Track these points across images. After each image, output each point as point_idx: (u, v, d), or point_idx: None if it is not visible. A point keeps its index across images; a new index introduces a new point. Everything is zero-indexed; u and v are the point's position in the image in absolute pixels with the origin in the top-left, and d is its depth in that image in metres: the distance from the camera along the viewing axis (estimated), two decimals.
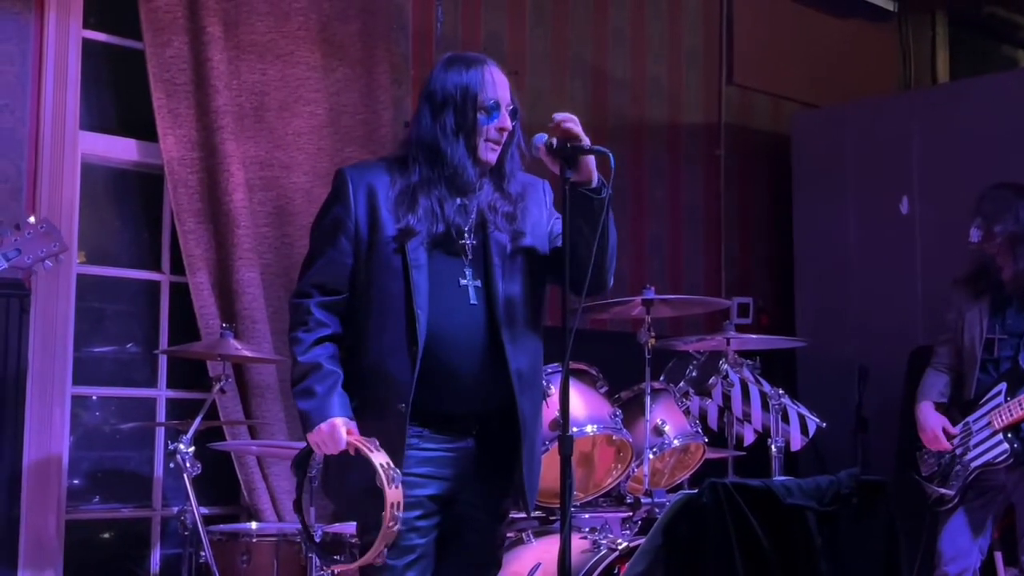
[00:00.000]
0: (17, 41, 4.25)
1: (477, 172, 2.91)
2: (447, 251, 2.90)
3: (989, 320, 4.50)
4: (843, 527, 2.39)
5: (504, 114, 2.93)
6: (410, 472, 2.83)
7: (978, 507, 4.48)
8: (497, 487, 3.00)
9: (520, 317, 2.96)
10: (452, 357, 2.86)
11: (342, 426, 2.78)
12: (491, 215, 2.93)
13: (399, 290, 2.85)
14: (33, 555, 4.18)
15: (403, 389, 2.80)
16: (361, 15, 5.02)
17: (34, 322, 4.22)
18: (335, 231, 2.92)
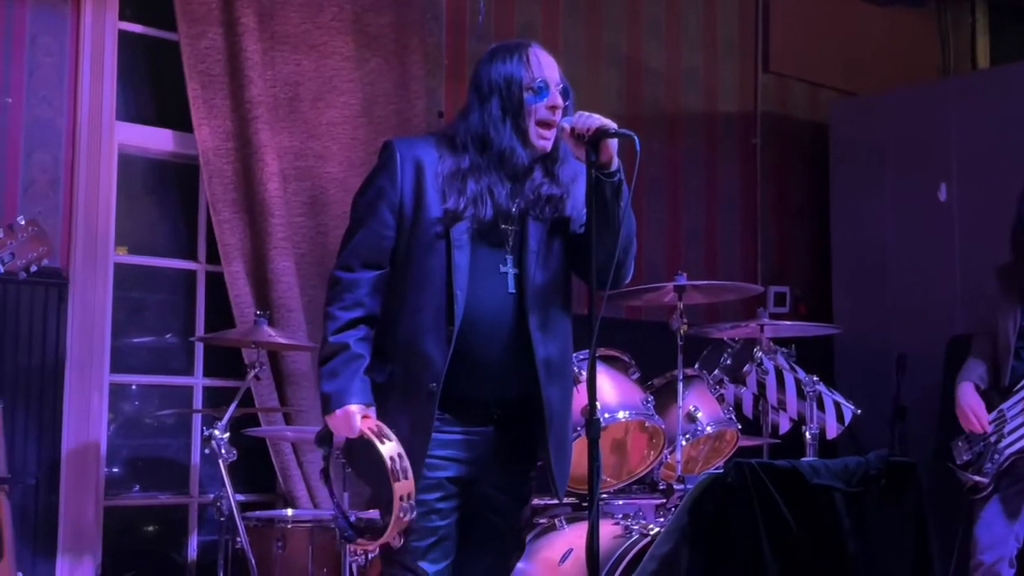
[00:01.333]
0: (55, 33, 4.30)
1: (528, 155, 2.88)
2: (491, 237, 2.88)
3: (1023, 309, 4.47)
4: (871, 508, 2.37)
5: (554, 92, 2.90)
6: (433, 454, 2.85)
7: (1013, 494, 4.44)
8: (518, 472, 3.01)
9: (551, 306, 2.95)
10: (483, 342, 2.86)
11: (357, 414, 2.79)
12: (536, 202, 2.92)
13: (440, 269, 2.84)
14: (72, 542, 4.23)
15: (436, 369, 2.81)
16: (395, 5, 5.03)
17: (72, 311, 4.26)
18: (378, 202, 2.91)
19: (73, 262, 4.28)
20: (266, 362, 4.46)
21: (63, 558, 4.20)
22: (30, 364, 4.15)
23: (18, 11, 4.21)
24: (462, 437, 2.91)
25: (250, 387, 4.32)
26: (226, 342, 4.36)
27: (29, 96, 4.24)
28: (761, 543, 2.21)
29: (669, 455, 4.08)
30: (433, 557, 2.87)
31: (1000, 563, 4.47)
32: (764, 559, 2.21)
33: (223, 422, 4.00)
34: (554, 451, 2.94)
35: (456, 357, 2.82)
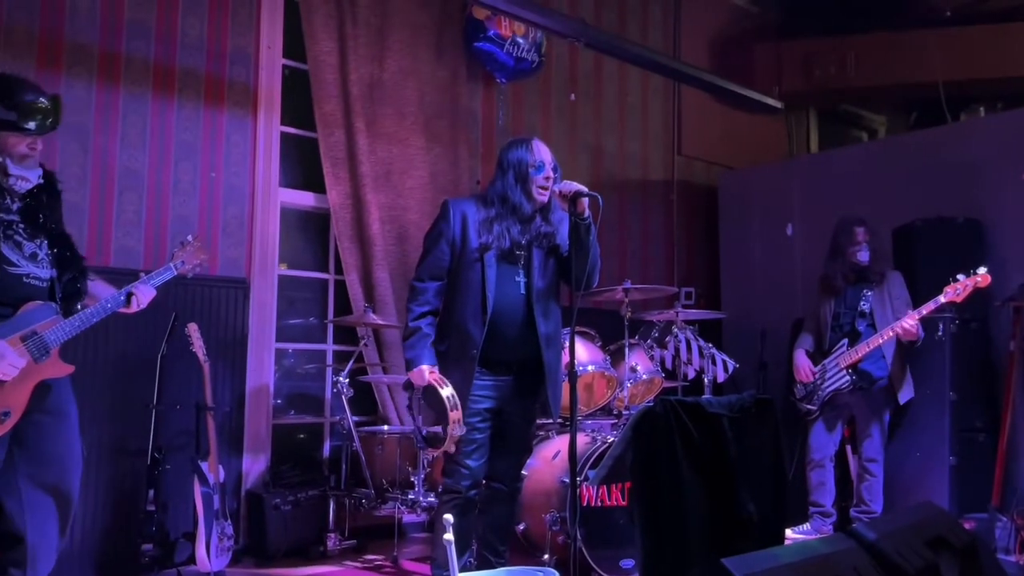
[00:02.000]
0: (241, 132, 4.33)
1: (532, 207, 2.96)
2: (509, 259, 2.95)
3: (837, 300, 4.50)
4: (746, 427, 2.38)
5: (547, 169, 2.97)
6: (474, 393, 2.90)
7: (831, 417, 4.49)
8: (528, 404, 3.06)
9: (548, 301, 3.01)
10: (506, 323, 2.92)
11: (427, 370, 2.86)
12: (538, 237, 2.97)
13: (477, 280, 2.91)
14: (252, 446, 4.28)
15: (477, 342, 2.88)
16: (450, 115, 5.05)
17: (252, 303, 4.30)
18: (439, 239, 2.99)
19: (252, 273, 4.32)
20: (371, 335, 4.50)
21: (247, 456, 4.24)
22: (226, 336, 4.19)
23: (218, 119, 4.25)
24: (492, 382, 2.97)
25: (361, 351, 4.36)
26: (346, 323, 4.40)
27: (226, 172, 4.27)
28: (676, 448, 2.23)
29: (620, 393, 4.10)
30: (475, 457, 2.95)
31: (824, 459, 4.54)
32: (678, 458, 2.23)
33: (345, 372, 4.04)
34: (551, 391, 2.99)
35: (488, 334, 2.88)
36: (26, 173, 2.58)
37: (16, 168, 2.55)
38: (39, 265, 2.60)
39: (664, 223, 6.38)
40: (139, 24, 4.01)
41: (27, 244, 2.58)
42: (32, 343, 2.53)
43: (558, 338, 3.06)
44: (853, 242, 4.43)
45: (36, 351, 2.54)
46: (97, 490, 3.72)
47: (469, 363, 2.88)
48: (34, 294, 2.58)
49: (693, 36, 6.61)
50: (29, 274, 2.56)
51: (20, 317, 2.53)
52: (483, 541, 3.13)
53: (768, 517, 2.39)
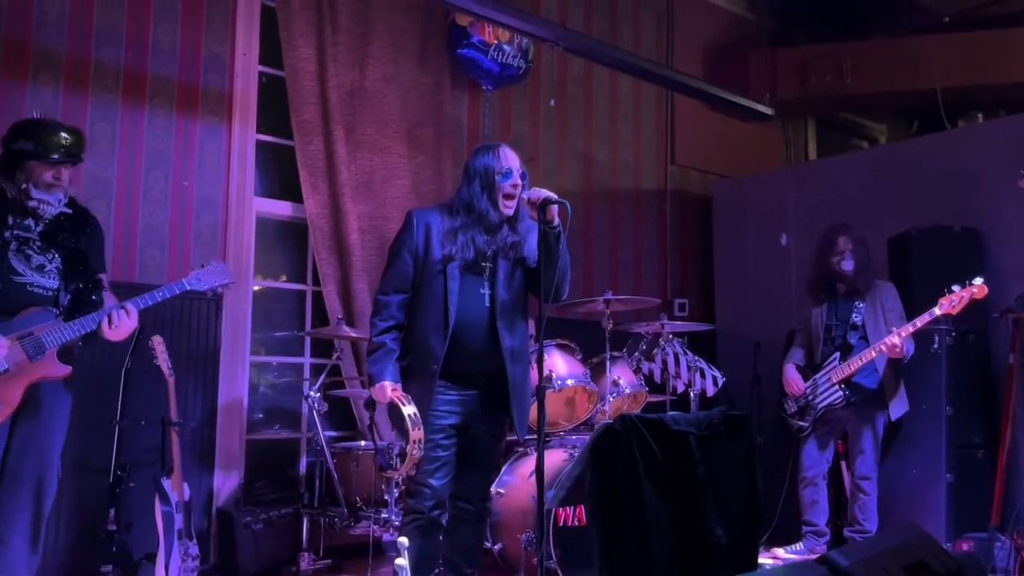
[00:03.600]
0: (215, 140, 4.24)
1: (498, 216, 2.84)
2: (473, 270, 2.83)
3: (828, 311, 4.35)
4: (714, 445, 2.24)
5: (515, 176, 2.85)
6: (437, 409, 2.78)
7: (824, 433, 4.34)
8: (495, 419, 2.92)
9: (514, 314, 2.89)
10: (469, 337, 2.80)
11: (388, 387, 2.75)
12: (504, 247, 2.85)
13: (440, 293, 2.79)
14: (224, 462, 4.16)
15: (437, 356, 2.77)
16: (433, 123, 4.93)
17: (225, 315, 4.18)
18: (402, 249, 2.89)
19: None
20: (348, 348, 4.38)
21: (218, 473, 4.12)
22: (198, 350, 4.08)
23: (191, 126, 4.15)
24: (458, 397, 2.84)
25: (337, 365, 4.24)
26: (321, 335, 4.28)
27: (199, 180, 4.17)
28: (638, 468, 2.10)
29: (602, 407, 3.97)
30: (438, 476, 2.82)
31: (817, 477, 4.39)
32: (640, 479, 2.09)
33: (316, 386, 3.92)
34: (516, 409, 2.87)
35: (451, 347, 2.76)
36: (48, 198, 2.78)
37: (38, 193, 2.77)
38: (45, 276, 2.76)
39: (657, 233, 6.25)
40: (109, 30, 3.92)
41: (36, 257, 2.76)
42: (28, 342, 2.66)
43: (525, 353, 2.92)
44: (835, 251, 4.31)
45: (32, 350, 2.66)
46: (59, 508, 3.58)
47: (429, 378, 2.76)
48: (36, 301, 2.74)
49: (686, 43, 6.50)
50: (33, 283, 2.73)
51: (18, 321, 2.68)
52: (449, 564, 2.99)
53: (739, 541, 2.24)
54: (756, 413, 5.14)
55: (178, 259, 4.03)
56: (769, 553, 4.44)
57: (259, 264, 4.44)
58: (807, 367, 4.39)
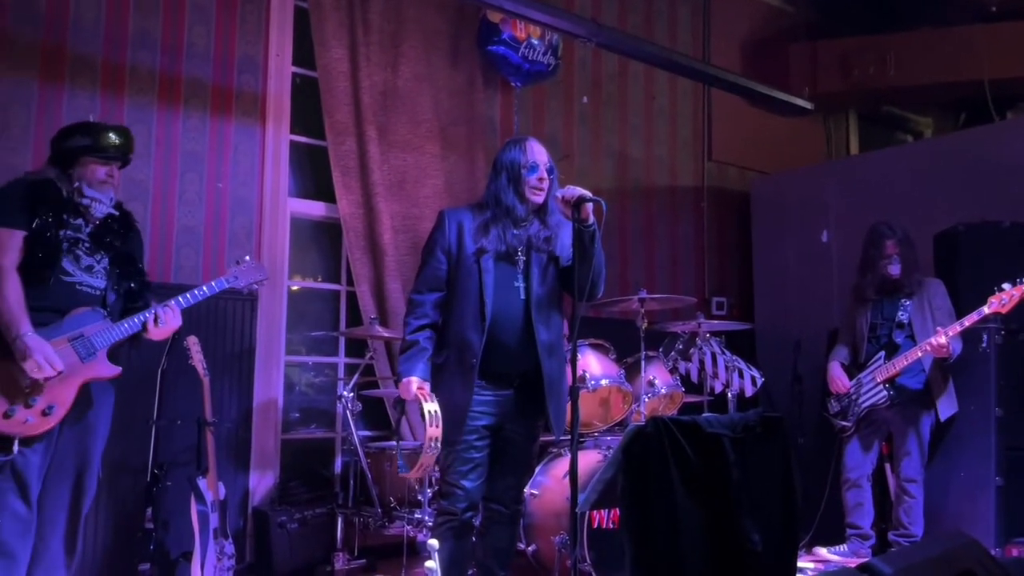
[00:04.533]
0: (249, 141, 4.25)
1: (525, 209, 2.83)
2: (507, 263, 2.82)
3: (874, 311, 4.24)
4: (750, 448, 2.17)
5: (541, 170, 2.84)
6: (473, 409, 2.76)
7: (868, 434, 4.23)
8: (530, 421, 2.89)
9: (548, 308, 2.86)
10: (505, 331, 2.79)
11: (414, 383, 2.73)
12: (536, 240, 2.84)
13: (475, 287, 2.78)
14: (259, 462, 4.17)
15: (475, 350, 2.75)
16: (466, 121, 4.91)
17: (260, 316, 4.20)
18: (435, 248, 2.88)
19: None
20: (382, 348, 4.37)
21: (254, 473, 4.13)
22: (233, 350, 4.10)
23: (225, 128, 4.17)
24: (493, 397, 2.82)
25: (371, 365, 4.24)
26: (355, 335, 4.28)
27: (233, 182, 4.19)
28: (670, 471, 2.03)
29: (637, 408, 3.90)
30: (471, 477, 2.79)
31: (861, 478, 4.29)
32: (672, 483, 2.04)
33: (350, 386, 3.91)
34: (552, 406, 2.84)
35: (488, 343, 2.74)
36: (100, 196, 2.82)
37: (91, 191, 2.80)
38: (94, 276, 2.79)
39: (694, 231, 6.15)
40: (144, 34, 3.96)
41: (85, 258, 2.78)
42: (79, 343, 2.69)
43: (560, 348, 2.89)
44: (883, 255, 4.19)
45: (83, 351, 2.69)
46: (98, 507, 3.63)
47: (469, 372, 2.74)
48: (85, 301, 2.76)
49: (724, 38, 6.39)
50: (82, 283, 2.75)
51: (67, 321, 2.70)
52: (482, 566, 2.96)
53: (776, 548, 2.17)
54: (797, 413, 5.04)
55: (213, 260, 4.05)
56: (811, 553, 4.34)
57: (294, 264, 4.45)
58: (851, 366, 4.28)
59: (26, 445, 2.58)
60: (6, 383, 2.56)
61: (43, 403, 2.59)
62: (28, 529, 2.62)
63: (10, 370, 2.56)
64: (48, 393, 2.60)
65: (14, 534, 2.57)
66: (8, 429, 2.53)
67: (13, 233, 2.66)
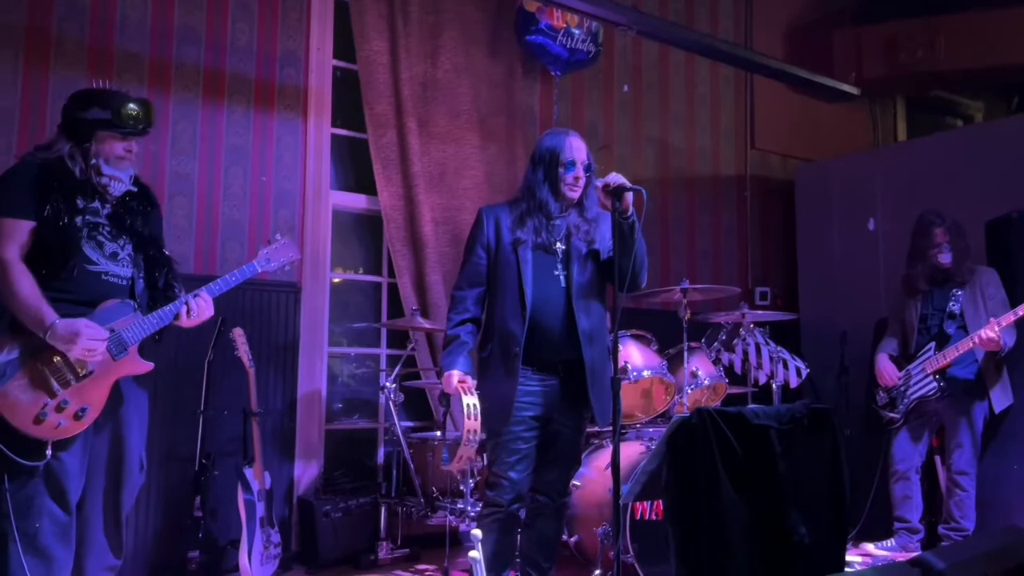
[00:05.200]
0: (292, 135, 4.29)
1: (559, 206, 2.84)
2: (546, 253, 2.83)
3: (924, 301, 4.14)
4: (797, 440, 2.14)
5: (579, 168, 2.83)
6: (520, 400, 2.77)
7: (917, 426, 4.14)
8: (577, 412, 2.89)
9: (589, 296, 2.86)
10: (546, 319, 2.80)
11: (455, 376, 2.76)
12: (574, 231, 2.84)
13: (514, 278, 2.80)
14: (304, 452, 4.21)
15: (518, 338, 2.76)
16: (506, 112, 4.90)
17: (304, 308, 4.24)
18: (475, 245, 2.90)
19: (304, 278, 4.27)
20: (423, 340, 4.39)
21: (299, 463, 4.18)
22: (278, 341, 4.15)
23: (268, 122, 4.22)
24: (539, 387, 2.83)
25: (412, 356, 4.26)
26: (397, 327, 4.30)
27: (277, 176, 4.24)
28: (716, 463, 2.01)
29: (680, 399, 3.87)
30: (519, 468, 2.80)
31: (910, 471, 4.20)
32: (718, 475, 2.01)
33: (392, 377, 3.94)
34: (594, 393, 2.83)
35: (530, 330, 2.75)
36: (119, 174, 2.60)
37: (109, 169, 2.58)
38: (119, 264, 2.60)
39: (737, 220, 6.07)
40: (189, 30, 4.01)
41: (108, 244, 2.59)
42: (110, 340, 2.52)
43: (603, 336, 2.88)
44: (932, 244, 4.09)
45: (114, 348, 2.53)
46: (149, 496, 3.71)
47: (513, 361, 2.75)
48: (112, 292, 2.58)
49: (766, 23, 6.28)
50: (108, 272, 2.57)
51: (97, 314, 2.52)
52: (526, 558, 2.96)
53: (824, 541, 2.13)
54: (843, 405, 4.96)
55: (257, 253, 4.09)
56: (859, 549, 4.27)
57: (336, 256, 4.49)
58: (900, 357, 4.19)
59: (61, 449, 2.45)
60: (35, 386, 2.42)
61: (75, 406, 2.45)
62: (67, 533, 2.48)
63: (39, 370, 2.43)
64: (81, 394, 2.47)
65: (53, 537, 2.44)
66: (40, 434, 2.40)
67: (18, 223, 2.46)
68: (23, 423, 2.39)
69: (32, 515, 2.40)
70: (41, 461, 2.40)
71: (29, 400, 2.41)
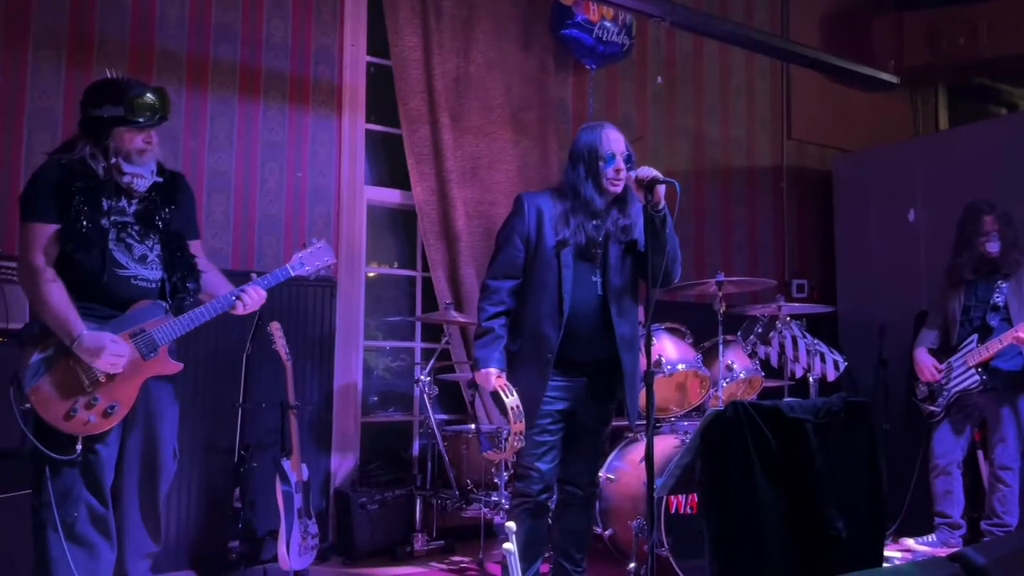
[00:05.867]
0: (326, 131, 4.33)
1: (604, 201, 2.79)
2: (586, 257, 2.80)
3: (967, 292, 4.06)
4: (833, 433, 2.11)
5: (619, 160, 2.78)
6: (547, 395, 2.75)
7: (959, 419, 4.07)
8: (602, 406, 2.88)
9: (624, 300, 2.85)
10: (581, 325, 2.78)
11: (493, 374, 2.74)
12: (614, 230, 2.80)
13: (554, 281, 2.77)
14: (340, 444, 4.26)
15: (552, 345, 2.75)
16: (539, 106, 4.89)
17: (339, 302, 4.28)
18: (512, 235, 2.86)
19: (339, 272, 4.31)
20: (457, 333, 4.41)
21: (335, 455, 4.23)
22: (314, 335, 4.19)
23: (303, 118, 4.26)
24: (566, 383, 2.82)
25: (447, 349, 4.28)
26: (431, 321, 4.33)
27: (312, 171, 4.28)
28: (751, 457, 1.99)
29: (715, 393, 3.84)
30: (546, 460, 2.81)
31: (951, 465, 4.14)
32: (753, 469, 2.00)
33: (427, 370, 3.96)
34: (628, 395, 2.82)
35: (564, 336, 2.73)
36: (140, 171, 2.56)
37: (130, 167, 2.54)
38: (148, 267, 2.60)
39: (773, 212, 6.01)
40: (226, 28, 4.06)
41: (137, 246, 2.59)
42: (140, 340, 2.54)
43: (636, 340, 2.86)
44: (981, 232, 4.01)
45: (144, 348, 2.55)
46: (191, 487, 3.79)
47: (544, 365, 2.74)
48: (143, 296, 2.58)
49: (803, 12, 6.19)
50: (138, 276, 2.57)
51: (129, 316, 2.55)
52: (559, 549, 2.97)
53: (862, 535, 2.11)
54: (882, 399, 4.90)
55: (293, 248, 4.06)
56: (898, 544, 4.22)
57: (371, 251, 4.52)
58: (940, 350, 4.12)
59: (97, 442, 2.49)
60: (67, 383, 2.45)
61: (104, 403, 2.48)
62: (105, 523, 2.53)
63: (71, 368, 2.46)
64: (110, 392, 2.49)
65: (90, 525, 2.50)
66: (70, 430, 2.44)
67: (44, 227, 2.45)
68: (55, 418, 2.44)
69: (70, 504, 2.46)
70: (71, 455, 2.44)
71: (61, 397, 2.45)
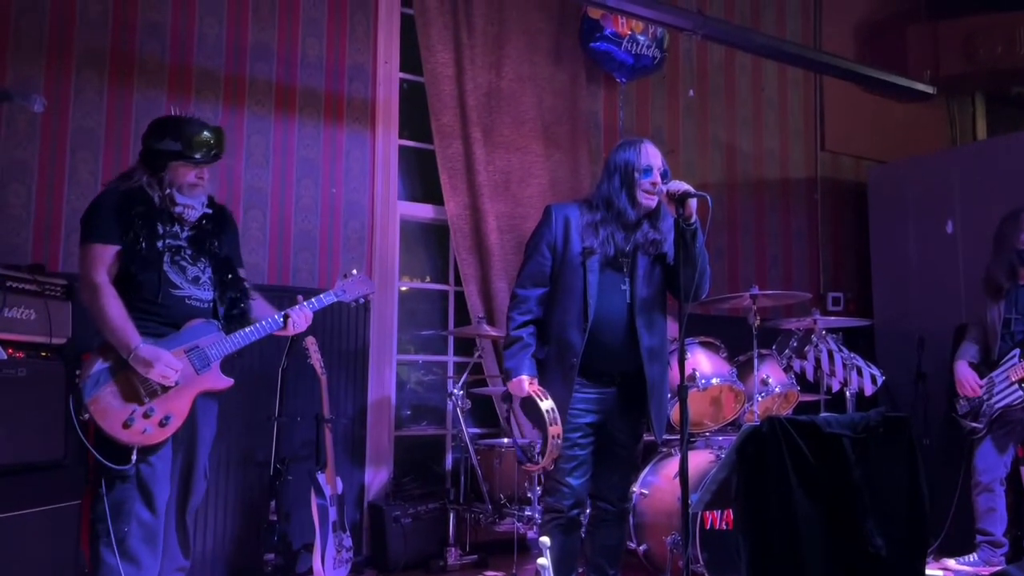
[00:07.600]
0: (360, 148, 4.39)
1: (636, 213, 2.80)
2: (613, 266, 2.80)
3: (1007, 304, 4.00)
4: (872, 448, 2.09)
5: (655, 174, 2.80)
6: (575, 407, 2.77)
7: (1001, 435, 3.99)
8: (633, 419, 2.87)
9: (653, 311, 2.84)
10: (607, 333, 2.78)
11: (526, 380, 2.74)
12: (644, 243, 2.81)
13: (579, 288, 2.78)
14: (374, 458, 4.29)
15: (576, 350, 2.75)
16: (569, 119, 4.92)
17: (373, 316, 4.32)
18: (541, 243, 2.89)
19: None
20: (489, 347, 4.43)
21: (369, 468, 4.27)
22: (348, 349, 4.24)
23: (338, 135, 4.32)
24: (595, 395, 2.83)
25: (479, 363, 4.30)
26: (464, 334, 4.34)
27: (346, 187, 4.34)
28: (788, 473, 1.98)
29: (750, 407, 3.82)
30: (576, 474, 2.81)
31: (993, 482, 4.06)
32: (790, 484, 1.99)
33: (460, 384, 3.98)
34: (654, 410, 2.82)
35: (589, 343, 2.74)
36: (191, 202, 2.75)
37: (182, 198, 2.73)
38: (201, 288, 2.76)
39: (807, 224, 5.97)
40: (262, 47, 4.15)
41: (191, 268, 2.75)
42: (194, 355, 2.69)
43: (664, 352, 2.85)
44: (1019, 229, 3.94)
45: (198, 363, 2.70)
46: (228, 499, 3.84)
47: (569, 371, 2.75)
48: (196, 314, 2.74)
49: (836, 22, 6.17)
50: (191, 296, 2.73)
51: (184, 333, 2.71)
52: (592, 564, 2.96)
53: (902, 552, 2.08)
54: (921, 413, 4.82)
55: (328, 263, 4.21)
56: (939, 563, 4.14)
57: (403, 266, 4.57)
58: (982, 364, 4.06)
59: (151, 453, 2.60)
60: (125, 393, 2.58)
61: (160, 414, 2.60)
62: (154, 536, 2.62)
63: (129, 380, 2.58)
64: (165, 404, 2.61)
65: (141, 541, 2.59)
66: (128, 439, 2.56)
67: (106, 248, 2.63)
68: (113, 427, 2.56)
69: (123, 519, 2.56)
70: (127, 465, 2.56)
71: (119, 407, 2.58)
